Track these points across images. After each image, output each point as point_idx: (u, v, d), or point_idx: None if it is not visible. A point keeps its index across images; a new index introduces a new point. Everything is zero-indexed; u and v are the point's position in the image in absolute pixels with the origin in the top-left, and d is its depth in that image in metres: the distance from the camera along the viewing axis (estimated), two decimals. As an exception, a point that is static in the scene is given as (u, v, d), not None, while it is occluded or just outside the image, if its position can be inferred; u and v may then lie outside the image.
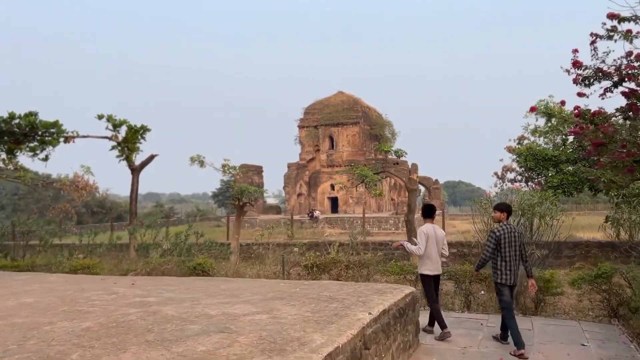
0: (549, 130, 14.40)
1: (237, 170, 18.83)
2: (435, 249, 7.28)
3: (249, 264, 18.59)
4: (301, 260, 10.31)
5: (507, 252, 6.55)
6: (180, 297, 5.95)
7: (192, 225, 23.91)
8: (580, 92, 6.76)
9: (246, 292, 6.26)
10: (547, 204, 9.94)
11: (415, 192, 16.02)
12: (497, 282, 6.69)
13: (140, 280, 7.63)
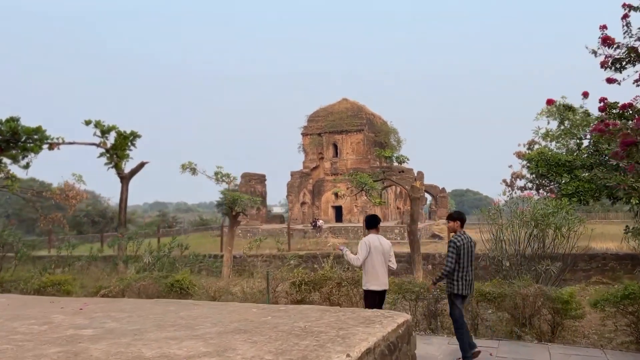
0: (561, 134, 13.33)
1: (231, 178, 17.85)
2: (380, 262, 6.74)
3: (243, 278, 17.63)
4: (288, 277, 9.30)
5: (463, 262, 6.44)
6: (124, 328, 4.92)
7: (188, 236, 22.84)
8: (610, 78, 5.70)
9: (206, 321, 5.21)
10: (562, 214, 8.89)
11: (419, 201, 14.98)
12: (452, 293, 6.50)
13: (94, 304, 6.63)
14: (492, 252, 9.67)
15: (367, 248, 6.70)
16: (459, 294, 6.48)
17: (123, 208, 19.05)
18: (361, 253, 6.71)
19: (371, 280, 6.71)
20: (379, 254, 6.74)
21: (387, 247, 6.90)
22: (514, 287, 7.92)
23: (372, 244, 6.73)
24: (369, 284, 6.73)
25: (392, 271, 7.11)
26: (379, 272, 6.72)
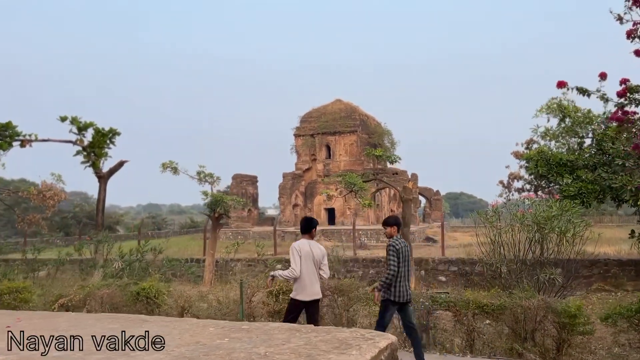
0: (562, 132, 12.54)
1: (214, 178, 16.99)
2: (310, 270, 6.22)
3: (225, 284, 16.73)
4: (265, 285, 8.42)
5: (401, 268, 6.31)
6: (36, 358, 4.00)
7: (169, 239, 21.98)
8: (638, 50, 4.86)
9: (149, 344, 4.28)
10: (567, 217, 8.08)
11: (411, 203, 14.17)
12: (387, 300, 6.32)
13: (29, 319, 5.72)
14: (491, 258, 8.84)
15: (299, 254, 6.18)
16: (396, 300, 6.28)
17: (100, 209, 18.15)
18: (294, 262, 6.18)
19: (300, 288, 6.21)
20: (309, 261, 6.22)
21: (319, 254, 6.35)
22: (515, 299, 7.09)
23: (303, 250, 6.23)
24: (296, 292, 6.25)
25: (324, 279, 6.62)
26: (308, 281, 6.20)
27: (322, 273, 6.37)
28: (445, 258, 15.23)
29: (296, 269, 6.12)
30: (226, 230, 45.76)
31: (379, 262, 15.86)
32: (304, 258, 6.20)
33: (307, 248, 6.27)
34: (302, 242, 6.37)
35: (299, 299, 6.21)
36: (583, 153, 12.08)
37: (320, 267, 6.33)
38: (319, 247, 6.45)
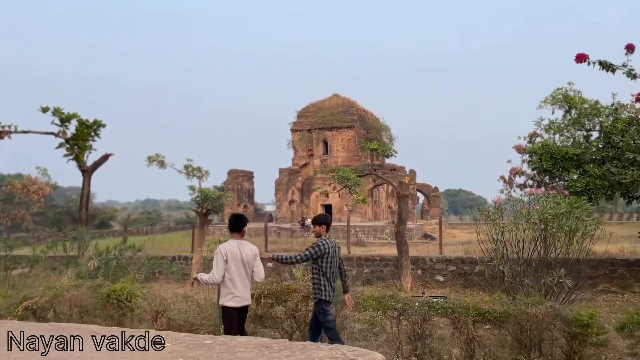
0: (568, 124, 11.82)
1: (202, 172, 16.27)
2: (240, 274, 5.82)
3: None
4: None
5: (328, 268, 6.25)
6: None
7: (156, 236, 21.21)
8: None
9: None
10: (576, 214, 7.38)
11: (407, 199, 13.48)
12: (322, 300, 6.22)
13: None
14: (492, 260, 8.14)
15: (224, 258, 5.76)
16: (328, 300, 6.23)
17: (84, 204, 17.45)
18: (216, 267, 5.75)
19: (229, 293, 5.80)
20: (238, 264, 5.81)
21: (249, 255, 5.92)
22: (520, 305, 6.39)
23: (230, 253, 5.80)
24: (225, 298, 5.83)
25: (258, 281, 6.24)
26: (238, 286, 5.80)
27: (255, 276, 5.95)
28: (443, 257, 14.53)
29: (216, 275, 5.71)
30: (221, 227, 45.08)
31: (374, 261, 15.17)
32: (232, 261, 5.79)
33: (235, 250, 5.83)
34: (230, 244, 5.92)
35: (230, 306, 5.80)
36: (590, 146, 11.36)
37: (252, 269, 5.92)
38: (250, 248, 6.00)
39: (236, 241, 5.97)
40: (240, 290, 5.80)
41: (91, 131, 16.87)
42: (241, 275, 5.82)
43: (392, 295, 7.03)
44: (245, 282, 5.89)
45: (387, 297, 7.00)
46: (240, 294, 5.80)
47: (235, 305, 5.79)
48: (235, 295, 5.78)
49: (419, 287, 14.07)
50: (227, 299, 5.80)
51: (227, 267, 5.78)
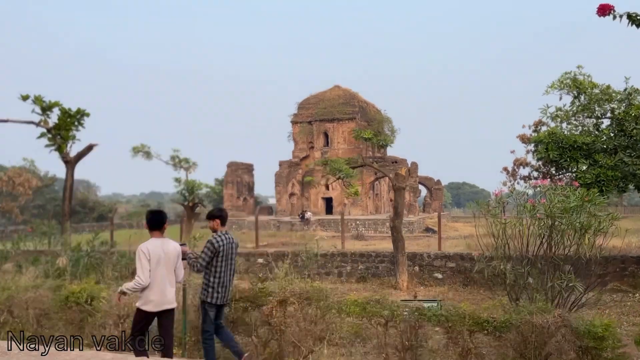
0: (577, 111, 10.94)
1: (190, 164, 15.50)
2: (164, 275, 5.37)
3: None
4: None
5: (222, 267, 5.85)
6: None
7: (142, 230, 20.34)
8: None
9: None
10: (588, 209, 6.53)
11: (404, 191, 12.65)
12: (205, 302, 5.84)
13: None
14: (493, 260, 7.31)
15: (147, 258, 5.25)
16: (213, 302, 5.82)
17: (68, 197, 16.65)
18: (141, 269, 5.23)
19: (148, 295, 5.30)
20: (162, 265, 5.35)
21: (173, 254, 5.52)
22: (523, 313, 5.57)
23: (153, 253, 5.30)
24: (143, 301, 5.34)
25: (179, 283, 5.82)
26: (161, 288, 5.33)
27: (177, 276, 5.55)
28: (442, 253, 13.71)
29: (142, 278, 5.20)
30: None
31: (368, 257, 14.36)
32: (155, 262, 5.27)
33: (158, 250, 5.35)
34: (151, 242, 5.39)
35: (146, 310, 5.33)
36: (601, 135, 10.49)
37: (175, 269, 5.49)
38: (173, 246, 5.57)
39: (159, 240, 5.47)
40: (161, 293, 5.34)
41: (74, 120, 16.08)
42: (165, 276, 5.37)
43: (378, 300, 6.21)
44: (169, 283, 5.43)
45: (373, 303, 6.18)
46: (158, 297, 5.34)
47: (152, 309, 5.34)
48: (153, 298, 5.32)
49: (415, 284, 13.27)
50: (143, 301, 5.34)
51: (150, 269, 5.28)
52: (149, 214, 5.63)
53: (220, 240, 5.83)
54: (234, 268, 6.10)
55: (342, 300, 6.53)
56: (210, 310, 5.85)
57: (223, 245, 5.83)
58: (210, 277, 5.85)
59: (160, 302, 5.36)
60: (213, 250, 5.79)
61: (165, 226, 5.61)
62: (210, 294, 5.81)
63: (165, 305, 5.42)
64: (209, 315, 5.85)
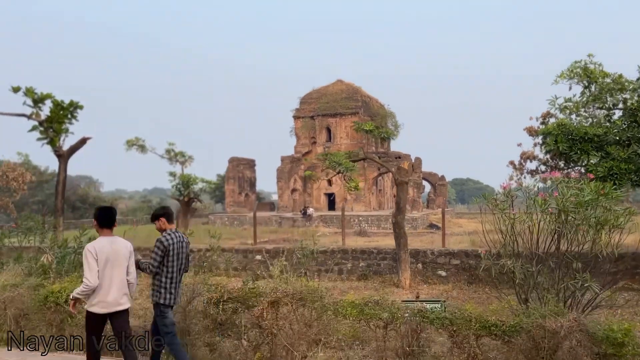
0: (588, 101, 10.43)
1: (186, 157, 15.08)
2: (115, 275, 5.13)
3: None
4: (204, 290, 6.45)
5: (173, 267, 5.57)
6: None
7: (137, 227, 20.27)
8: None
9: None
10: (604, 203, 6.06)
11: (406, 186, 12.18)
12: (159, 304, 5.52)
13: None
14: (501, 257, 6.84)
15: (95, 257, 5.00)
16: (167, 304, 5.54)
17: (60, 191, 16.21)
18: (89, 269, 4.98)
19: (97, 296, 5.05)
20: (112, 265, 5.12)
21: (123, 254, 5.24)
22: (535, 316, 5.10)
23: (102, 252, 5.06)
24: (92, 302, 5.10)
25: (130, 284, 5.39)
26: (111, 289, 5.09)
27: (129, 277, 5.25)
28: (446, 250, 13.23)
29: (90, 279, 4.95)
30: (222, 215, 44.01)
31: (370, 254, 13.89)
32: (103, 262, 5.02)
33: (106, 249, 5.10)
34: (99, 241, 5.15)
35: (94, 312, 5.08)
36: (613, 126, 9.98)
37: (128, 269, 5.23)
38: (124, 245, 5.30)
39: (108, 238, 5.21)
40: (109, 295, 5.08)
41: (67, 113, 15.64)
42: (116, 277, 5.12)
43: (377, 301, 5.74)
44: (120, 284, 5.17)
45: (371, 304, 5.71)
46: (108, 298, 5.08)
47: (100, 310, 5.08)
48: (101, 300, 5.06)
49: (418, 282, 12.82)
50: (95, 303, 5.07)
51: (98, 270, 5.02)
52: (98, 211, 5.34)
53: (170, 238, 5.55)
54: (184, 267, 5.83)
55: (339, 301, 6.06)
56: (167, 311, 5.58)
57: (173, 244, 5.56)
58: (162, 277, 5.56)
59: (110, 303, 5.11)
60: (163, 249, 5.50)
61: (115, 224, 5.38)
62: (163, 295, 5.53)
63: (116, 307, 5.17)
64: (168, 316, 5.58)
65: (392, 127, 49.37)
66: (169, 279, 5.53)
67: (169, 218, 5.75)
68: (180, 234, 5.73)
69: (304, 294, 6.08)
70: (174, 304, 5.66)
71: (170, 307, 5.59)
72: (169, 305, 5.56)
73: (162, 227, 5.68)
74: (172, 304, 5.59)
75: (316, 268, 13.98)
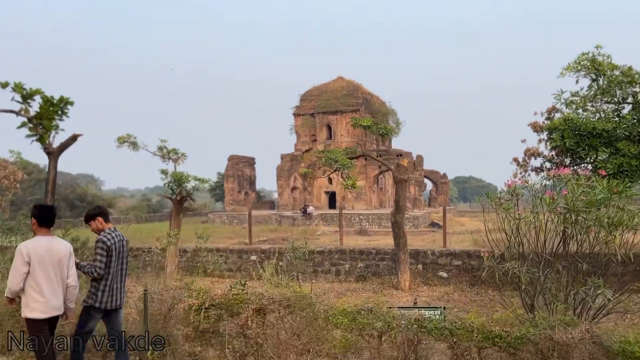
0: (596, 95, 9.95)
1: (179, 155, 14.64)
2: (51, 277, 4.83)
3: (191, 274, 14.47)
4: (184, 296, 5.99)
5: (114, 267, 5.26)
6: None
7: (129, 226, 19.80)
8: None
9: None
10: (617, 202, 5.59)
11: (405, 183, 11.71)
12: (90, 306, 5.19)
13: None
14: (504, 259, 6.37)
15: (25, 259, 4.71)
16: (102, 308, 5.20)
17: (50, 190, 15.76)
18: (14, 273, 4.72)
19: (34, 301, 4.77)
20: (46, 266, 4.80)
21: (61, 255, 4.92)
22: (542, 326, 4.64)
23: (35, 252, 4.76)
24: (27, 309, 4.80)
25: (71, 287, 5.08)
26: (47, 292, 4.81)
27: (69, 280, 4.96)
28: (447, 250, 12.76)
29: (13, 281, 4.70)
30: (221, 214, 43.60)
31: (369, 254, 13.43)
32: (37, 263, 4.72)
33: (41, 250, 4.79)
34: (34, 241, 4.84)
35: (33, 318, 4.78)
36: (623, 121, 9.49)
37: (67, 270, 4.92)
38: (64, 245, 5.00)
39: (45, 238, 4.91)
40: (49, 298, 4.81)
41: (57, 109, 15.12)
42: (50, 278, 4.80)
43: (370, 309, 5.28)
44: (56, 287, 4.87)
45: (364, 312, 5.25)
46: (49, 302, 4.82)
47: (39, 316, 4.79)
48: (42, 304, 4.79)
49: (418, 284, 12.36)
50: (29, 308, 4.78)
51: (30, 269, 4.73)
52: (37, 209, 5.02)
53: (111, 237, 5.25)
54: (126, 268, 5.52)
55: (330, 309, 5.59)
56: (97, 316, 5.24)
57: (114, 243, 5.26)
58: (101, 279, 5.22)
59: (47, 308, 4.83)
60: (106, 249, 5.18)
61: (53, 223, 5.11)
62: (99, 299, 5.17)
63: (53, 312, 4.90)
64: (92, 320, 5.24)
65: (393, 124, 48.93)
66: (108, 281, 5.19)
67: (106, 217, 5.46)
68: (119, 233, 5.45)
69: (292, 301, 5.63)
70: (111, 308, 5.29)
71: (104, 311, 5.25)
72: (102, 310, 5.23)
73: (100, 228, 5.37)
74: (107, 308, 5.24)
75: (313, 269, 13.53)
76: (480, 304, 10.38)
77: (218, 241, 22.83)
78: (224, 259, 14.81)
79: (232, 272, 14.55)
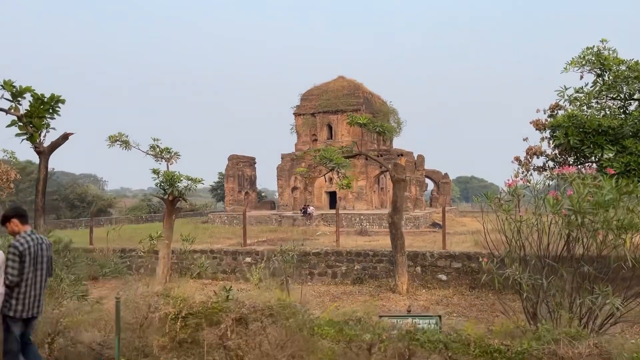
0: (601, 91, 9.53)
1: (172, 154, 14.22)
2: None
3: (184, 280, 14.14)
4: (162, 304, 5.60)
5: (29, 273, 4.94)
6: None
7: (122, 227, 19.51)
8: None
9: None
10: (627, 203, 5.17)
11: (403, 183, 11.30)
12: (7, 316, 4.89)
13: None
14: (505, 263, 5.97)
15: None
16: (17, 317, 4.95)
17: (40, 190, 15.40)
18: None
19: None
20: None
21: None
22: (546, 339, 4.24)
23: None
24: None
25: None
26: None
27: None
28: (447, 252, 12.35)
29: None
30: (221, 215, 43.24)
31: (366, 256, 13.02)
32: None
33: None
34: None
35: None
36: (630, 118, 9.07)
37: None
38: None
39: None
40: None
41: (48, 107, 14.77)
42: None
43: (359, 319, 4.88)
44: None
45: (352, 323, 4.84)
46: None
47: None
48: None
49: (417, 287, 11.95)
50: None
51: None
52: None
53: (25, 242, 4.95)
54: (45, 273, 5.21)
55: (316, 319, 5.19)
56: (15, 326, 4.94)
57: (29, 248, 4.96)
58: (15, 286, 4.94)
59: None
60: (19, 254, 4.90)
61: None
62: (13, 307, 4.90)
63: None
64: (14, 332, 4.93)
65: (394, 124, 48.52)
66: (22, 287, 4.89)
67: (23, 219, 5.13)
68: (38, 236, 5.16)
69: (276, 309, 5.23)
70: (27, 317, 5.01)
71: (21, 320, 4.96)
72: (18, 319, 4.93)
73: (15, 230, 5.07)
74: (24, 317, 4.96)
75: (308, 271, 13.14)
76: (481, 309, 9.97)
77: (217, 241, 22.49)
78: (218, 260, 14.43)
79: (226, 274, 14.17)
